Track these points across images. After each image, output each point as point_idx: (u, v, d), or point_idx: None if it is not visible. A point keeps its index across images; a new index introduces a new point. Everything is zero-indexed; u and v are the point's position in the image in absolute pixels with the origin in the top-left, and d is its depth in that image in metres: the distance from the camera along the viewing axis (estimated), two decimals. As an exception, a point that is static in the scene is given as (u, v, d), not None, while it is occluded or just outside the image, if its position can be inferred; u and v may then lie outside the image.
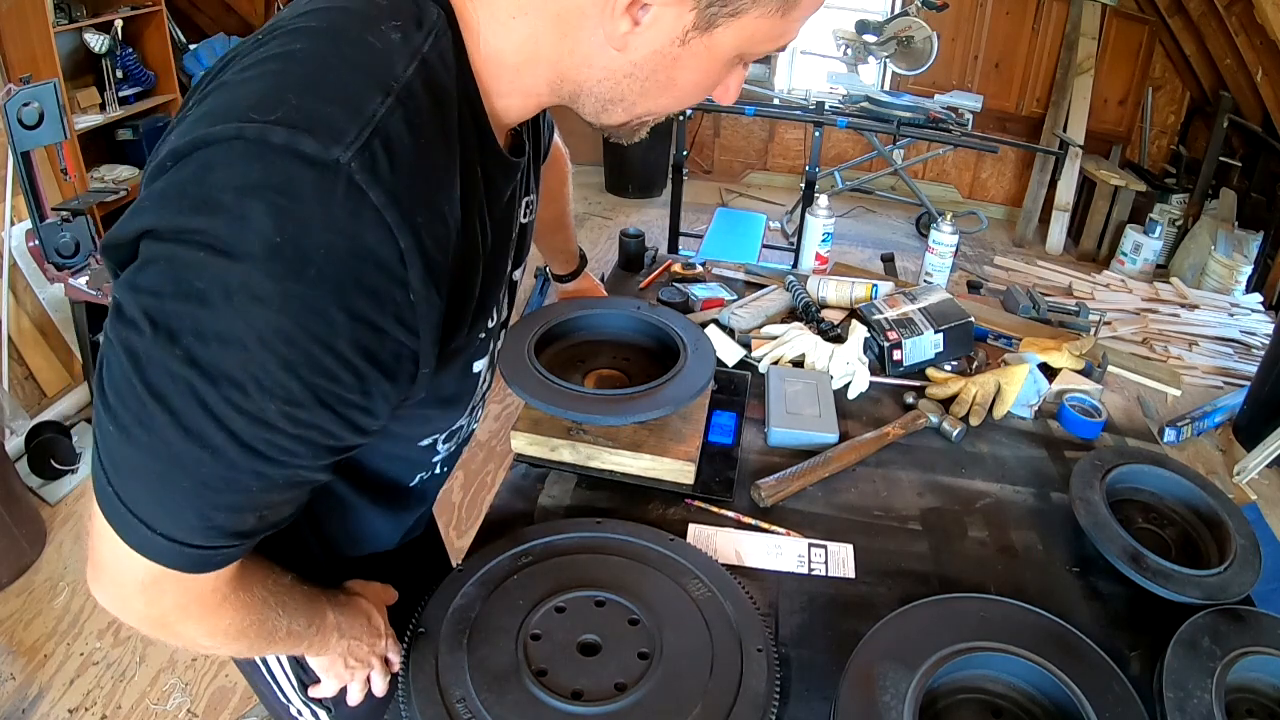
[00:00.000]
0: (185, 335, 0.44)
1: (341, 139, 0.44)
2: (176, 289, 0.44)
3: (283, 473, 0.50)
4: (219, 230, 0.43)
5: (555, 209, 1.19)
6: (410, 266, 0.47)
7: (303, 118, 0.44)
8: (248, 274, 0.43)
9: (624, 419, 1.00)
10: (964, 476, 1.11)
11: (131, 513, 0.49)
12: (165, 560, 0.51)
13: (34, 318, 2.63)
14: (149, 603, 0.54)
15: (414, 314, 0.50)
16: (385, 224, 0.45)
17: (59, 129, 2.42)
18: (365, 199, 0.45)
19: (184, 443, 0.46)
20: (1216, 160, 4.19)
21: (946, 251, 1.62)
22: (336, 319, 0.45)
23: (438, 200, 0.50)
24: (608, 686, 0.71)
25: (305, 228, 0.43)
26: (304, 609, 0.68)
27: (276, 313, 0.44)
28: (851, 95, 3.91)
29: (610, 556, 0.86)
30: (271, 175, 0.43)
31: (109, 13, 3.10)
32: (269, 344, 0.44)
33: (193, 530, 0.50)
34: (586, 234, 4.44)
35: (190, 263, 0.44)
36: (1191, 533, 1.00)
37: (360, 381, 0.49)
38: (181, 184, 0.45)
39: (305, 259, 0.44)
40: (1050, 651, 0.77)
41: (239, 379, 0.45)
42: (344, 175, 0.44)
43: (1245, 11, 3.51)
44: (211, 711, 1.77)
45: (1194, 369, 3.31)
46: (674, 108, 0.60)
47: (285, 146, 0.43)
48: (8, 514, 2.04)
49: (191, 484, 0.48)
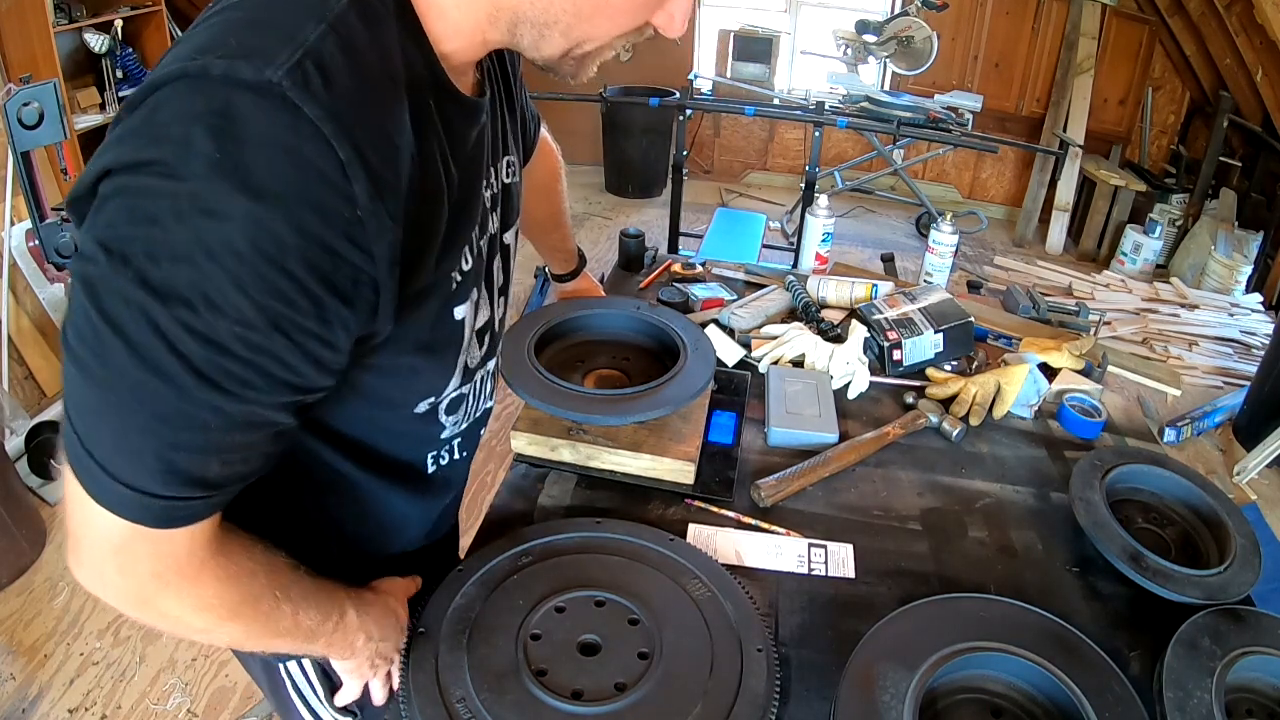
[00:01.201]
0: (137, 257, 0.45)
1: (275, 61, 0.46)
2: (130, 216, 0.46)
3: (239, 407, 0.49)
4: (166, 157, 0.45)
5: (550, 206, 1.19)
6: (354, 180, 0.48)
7: (240, 49, 0.46)
8: (194, 191, 0.45)
9: (624, 419, 1.00)
10: (964, 476, 1.11)
11: (93, 459, 0.49)
12: (129, 513, 0.50)
13: (34, 318, 2.63)
14: (122, 570, 0.53)
15: (364, 232, 0.50)
16: (323, 136, 0.46)
17: (59, 129, 2.42)
18: (300, 113, 0.45)
19: (138, 370, 0.46)
20: (1216, 160, 4.19)
21: (946, 251, 1.62)
22: (283, 233, 0.46)
23: (380, 120, 0.51)
24: (608, 686, 0.71)
25: (242, 143, 0.45)
26: (314, 600, 0.66)
27: (222, 225, 0.45)
28: (851, 95, 3.92)
29: (610, 556, 0.86)
30: (212, 102, 0.45)
31: (109, 13, 3.10)
32: (217, 258, 0.45)
33: (153, 475, 0.49)
34: (586, 234, 4.44)
35: (141, 189, 0.46)
36: (1191, 533, 1.00)
37: (316, 307, 0.49)
38: (133, 125, 0.47)
39: (247, 173, 0.45)
40: (1050, 651, 0.77)
41: (189, 296, 0.45)
42: (278, 93, 0.45)
43: (1245, 11, 3.51)
44: (211, 711, 1.77)
45: (1194, 369, 3.31)
46: (612, 32, 0.59)
47: (224, 75, 0.45)
48: (8, 514, 2.04)
49: (147, 418, 0.48)
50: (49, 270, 2.45)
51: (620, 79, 4.76)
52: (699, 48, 5.08)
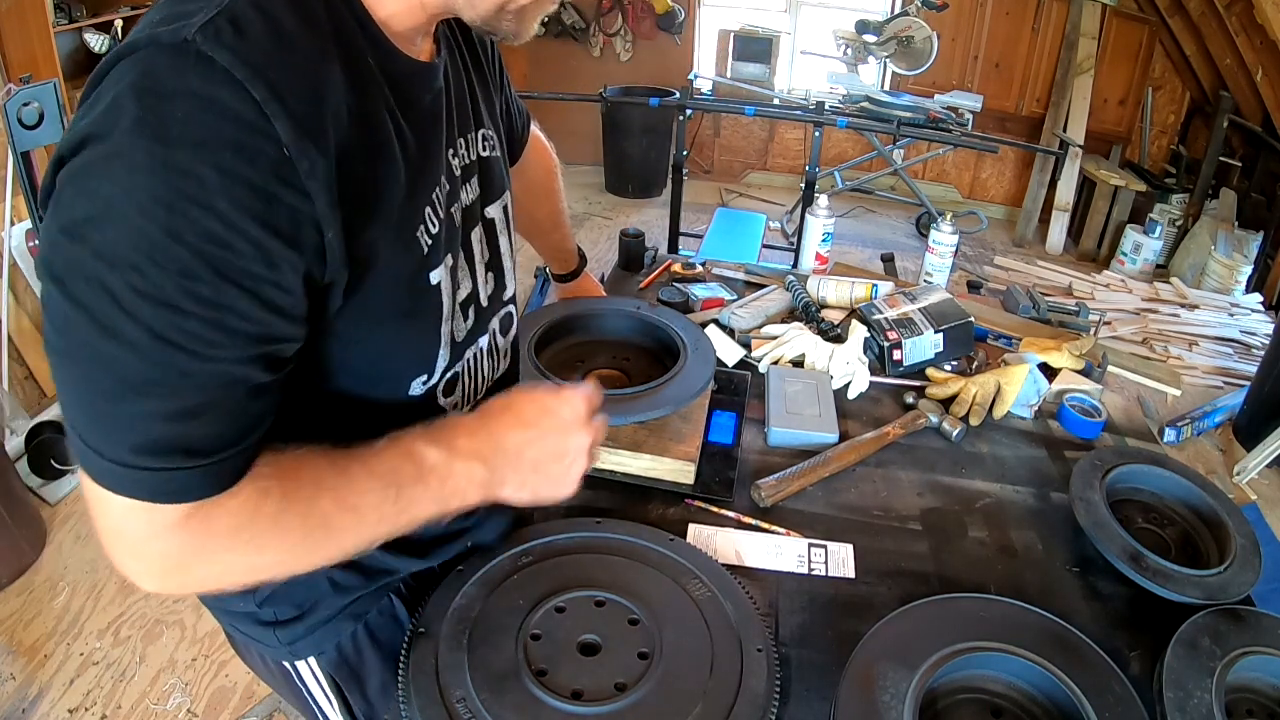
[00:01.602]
0: (85, 229, 0.47)
1: (192, 22, 0.48)
2: (76, 193, 0.48)
3: (207, 367, 0.50)
4: (96, 124, 0.47)
5: (549, 206, 1.19)
6: (274, 119, 0.49)
7: (167, 17, 0.49)
8: (118, 147, 0.47)
9: (624, 419, 1.00)
10: (964, 476, 1.11)
11: (84, 442, 0.50)
12: (123, 488, 0.51)
13: (34, 318, 2.63)
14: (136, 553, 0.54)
15: (294, 171, 0.50)
16: (236, 80, 0.48)
17: (59, 129, 2.42)
18: (213, 63, 0.47)
19: (101, 340, 0.48)
20: (1216, 160, 4.19)
21: (946, 251, 1.62)
22: (206, 175, 0.47)
23: (299, 67, 0.52)
24: (608, 686, 0.71)
25: (161, 98, 0.47)
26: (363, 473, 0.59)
27: (147, 176, 0.46)
28: (851, 95, 3.92)
29: (610, 556, 0.86)
30: (136, 68, 0.48)
31: (109, 13, 3.10)
32: (148, 212, 0.47)
33: (136, 447, 0.50)
34: (586, 234, 4.44)
35: (84, 168, 0.48)
36: (1191, 533, 1.00)
37: (258, 249, 0.50)
38: (84, 110, 0.50)
39: (165, 123, 0.47)
40: (1050, 651, 0.77)
41: (133, 258, 0.47)
42: (192, 49, 0.47)
43: (1245, 11, 3.51)
44: (211, 711, 1.77)
45: (1194, 369, 3.31)
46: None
47: (146, 42, 0.49)
48: (8, 514, 2.04)
49: (115, 385, 0.49)
50: (49, 270, 2.45)
51: (620, 79, 4.76)
52: (699, 48, 5.08)
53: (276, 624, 0.80)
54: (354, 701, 0.89)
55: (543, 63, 4.99)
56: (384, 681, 0.89)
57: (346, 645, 0.85)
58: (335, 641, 0.84)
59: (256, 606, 0.78)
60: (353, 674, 0.87)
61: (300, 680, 0.87)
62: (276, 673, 0.87)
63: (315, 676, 0.86)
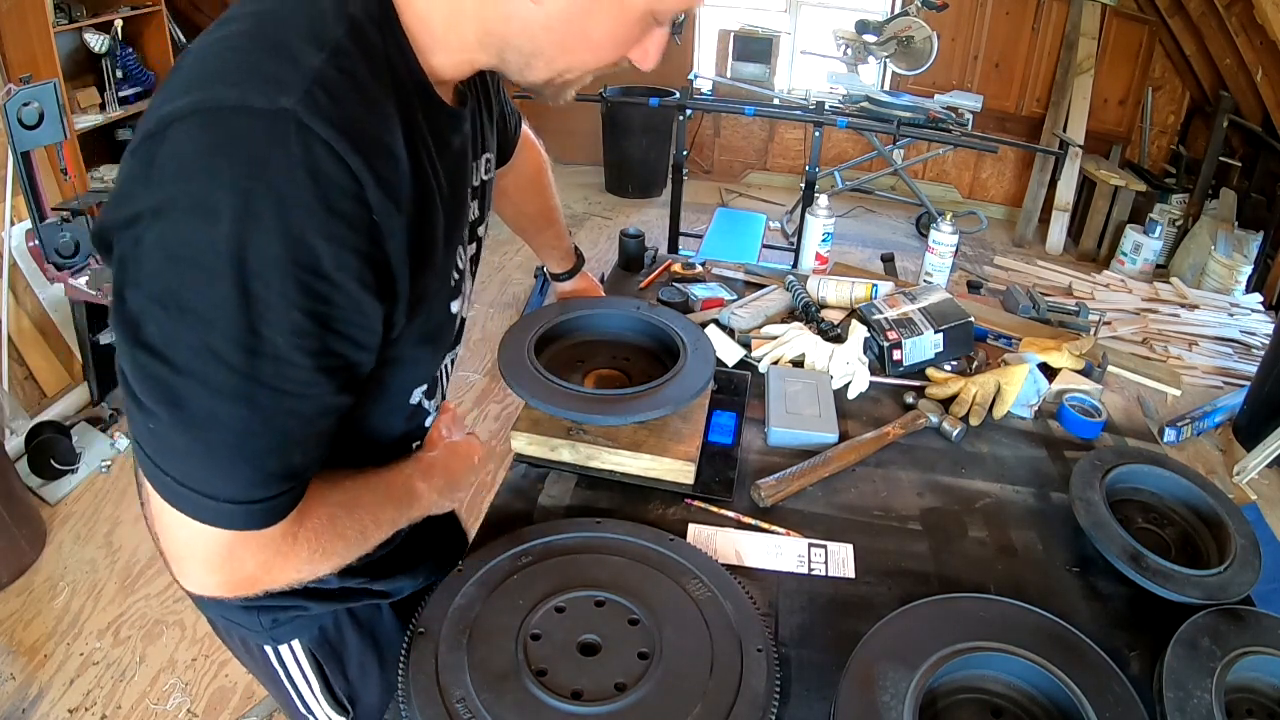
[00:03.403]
0: (183, 296, 0.49)
1: (286, 90, 0.49)
2: (174, 266, 0.49)
3: (312, 405, 0.55)
4: (195, 194, 0.48)
5: (540, 201, 1.19)
6: (366, 186, 0.52)
7: (249, 78, 0.50)
8: (230, 225, 0.48)
9: (624, 419, 1.00)
10: (964, 476, 1.11)
11: (196, 491, 0.53)
12: (240, 523, 0.55)
13: (34, 318, 2.63)
14: (231, 572, 0.58)
15: (381, 233, 0.54)
16: (335, 153, 0.50)
17: (59, 129, 2.42)
18: (314, 134, 0.49)
19: (218, 404, 0.51)
20: (1216, 160, 4.19)
21: (946, 251, 1.62)
22: (316, 244, 0.50)
23: (379, 134, 0.55)
24: (608, 686, 0.71)
25: (269, 169, 0.48)
26: (384, 498, 0.71)
27: (263, 249, 0.48)
28: (851, 95, 3.91)
29: (610, 556, 0.86)
30: (231, 133, 0.48)
31: (109, 13, 3.10)
32: (260, 277, 0.49)
33: (252, 485, 0.54)
34: (586, 234, 4.44)
35: (176, 235, 0.48)
36: (1191, 533, 1.00)
37: (356, 304, 0.54)
38: (159, 163, 0.49)
39: (278, 197, 0.48)
40: (1050, 651, 0.77)
41: (243, 322, 0.49)
42: (292, 118, 0.49)
43: (1245, 11, 3.51)
44: (211, 711, 1.77)
45: (1194, 369, 3.31)
46: (593, 64, 0.64)
47: (238, 106, 0.49)
48: (8, 514, 2.04)
49: (236, 439, 0.52)
50: (49, 270, 2.45)
51: (620, 79, 4.76)
52: (699, 48, 5.08)
53: (262, 610, 0.82)
54: (334, 680, 0.91)
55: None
56: (363, 661, 0.92)
57: (329, 625, 0.88)
58: (319, 625, 0.87)
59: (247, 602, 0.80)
60: (333, 653, 0.90)
61: (280, 664, 0.89)
62: (258, 657, 0.89)
63: (296, 658, 0.88)
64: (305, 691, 0.91)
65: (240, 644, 0.90)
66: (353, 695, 0.93)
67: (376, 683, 0.94)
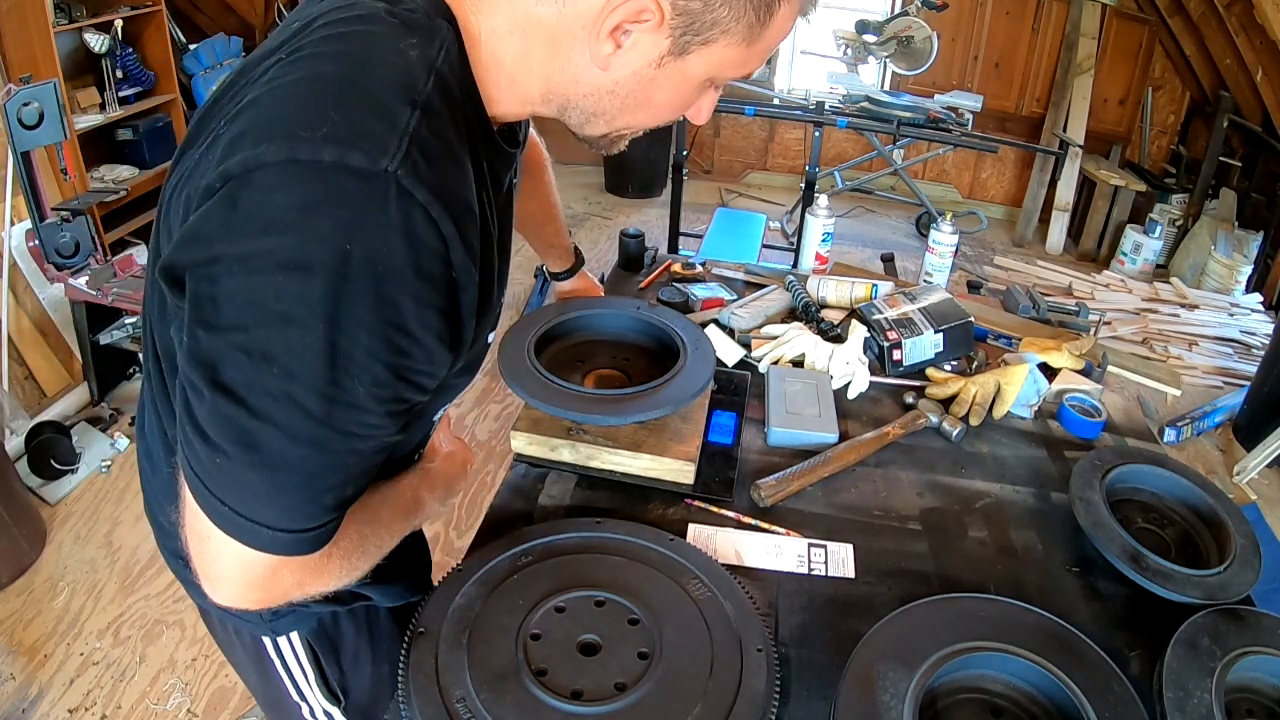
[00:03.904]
0: (279, 355, 0.50)
1: (386, 150, 0.50)
2: (261, 316, 0.50)
3: (374, 444, 0.57)
4: (290, 249, 0.49)
5: (540, 199, 1.19)
6: (453, 250, 0.54)
7: (347, 134, 0.50)
8: (325, 283, 0.49)
9: (624, 419, 1.00)
10: (964, 476, 1.11)
11: (252, 521, 0.54)
12: (291, 549, 0.57)
13: (34, 318, 2.63)
14: (272, 589, 0.60)
15: (458, 289, 0.56)
16: (431, 218, 0.51)
17: (59, 129, 2.42)
18: (413, 199, 0.50)
19: (293, 447, 0.52)
20: (1216, 160, 4.19)
21: (946, 251, 1.62)
22: (405, 305, 0.52)
23: (463, 192, 0.56)
24: (608, 686, 0.71)
25: (368, 232, 0.49)
26: (397, 511, 0.74)
27: (354, 307, 0.50)
28: (851, 95, 3.91)
29: (610, 556, 0.86)
30: (330, 191, 0.49)
31: (109, 13, 3.09)
32: (354, 338, 0.51)
33: (310, 516, 0.56)
34: (586, 234, 4.44)
35: (267, 287, 0.49)
36: (1191, 533, 1.00)
37: (426, 353, 0.56)
38: (245, 210, 0.50)
39: (374, 259, 0.49)
40: (1050, 651, 0.77)
41: (327, 374, 0.51)
42: (393, 182, 0.50)
43: (1245, 11, 3.51)
44: (211, 711, 1.77)
45: (1194, 369, 3.31)
46: (650, 124, 0.67)
47: (336, 164, 0.49)
48: (8, 514, 2.04)
49: (304, 479, 0.54)
50: (49, 270, 2.45)
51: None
52: (699, 48, 5.08)
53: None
54: (329, 670, 0.92)
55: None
56: (357, 651, 0.93)
57: (326, 617, 0.89)
58: (317, 617, 0.88)
59: None
60: (330, 643, 0.90)
61: (278, 654, 0.89)
62: (250, 648, 0.90)
63: (294, 649, 0.89)
64: (300, 681, 0.92)
65: (232, 634, 0.90)
66: (345, 685, 0.94)
67: (369, 673, 0.95)
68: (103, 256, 2.56)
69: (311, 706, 0.94)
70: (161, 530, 0.84)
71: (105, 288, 2.43)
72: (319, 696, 0.94)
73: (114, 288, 2.43)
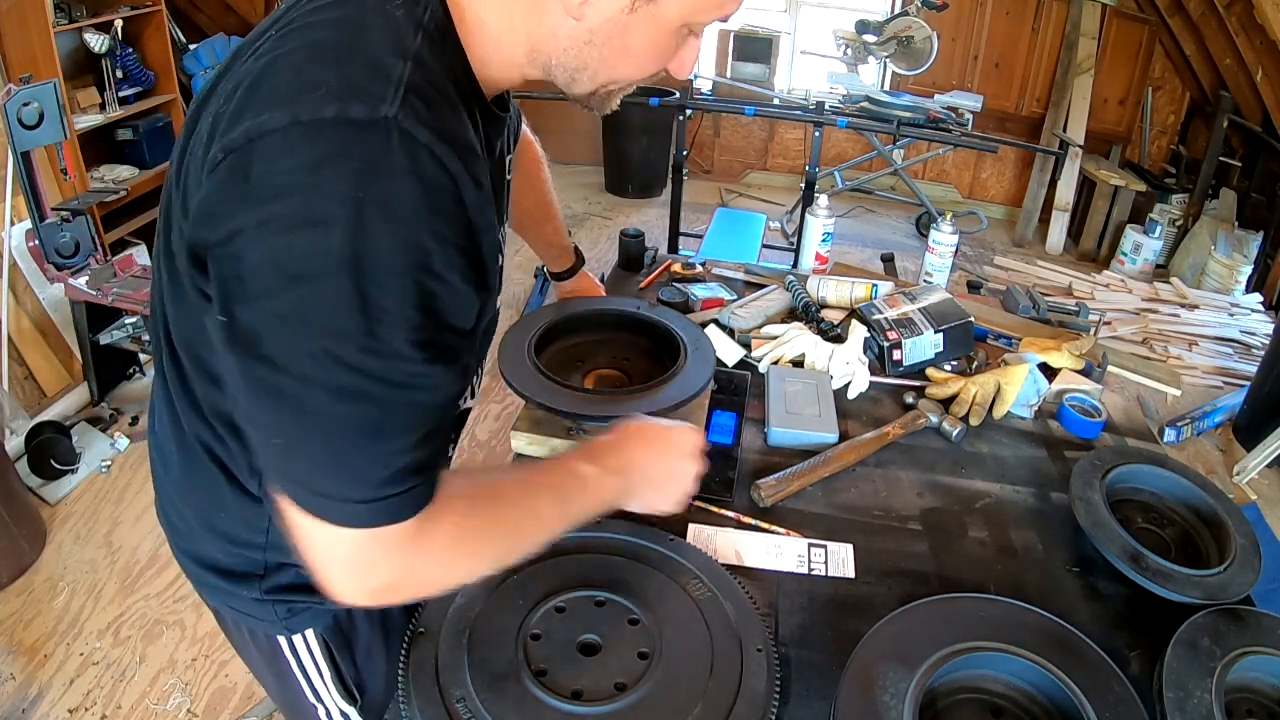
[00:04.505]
0: (312, 313, 0.50)
1: (384, 99, 0.51)
2: (287, 278, 0.50)
3: (431, 398, 0.56)
4: (304, 207, 0.49)
5: (537, 196, 1.19)
6: (463, 187, 0.54)
7: (345, 90, 0.51)
8: (344, 234, 0.49)
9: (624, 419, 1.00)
10: (964, 476, 1.11)
11: (327, 496, 0.55)
12: (369, 520, 0.56)
13: (34, 318, 2.63)
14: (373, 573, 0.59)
15: (475, 228, 0.57)
16: (436, 157, 0.52)
17: (59, 129, 2.42)
18: (416, 141, 0.51)
19: (342, 405, 0.52)
20: (1216, 160, 4.19)
21: (946, 251, 1.62)
22: (428, 244, 0.52)
23: (464, 133, 0.57)
24: (608, 686, 0.71)
25: (378, 178, 0.50)
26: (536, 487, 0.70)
27: (377, 254, 0.50)
28: (851, 95, 3.91)
29: (610, 556, 0.86)
30: (335, 146, 0.50)
31: (109, 13, 3.09)
32: (382, 284, 0.51)
33: (381, 482, 0.55)
34: (586, 234, 4.44)
35: (288, 249, 0.50)
36: (1191, 533, 1.00)
37: (454, 293, 0.56)
38: (256, 178, 0.50)
39: (387, 204, 0.50)
40: (1050, 651, 0.77)
41: (364, 326, 0.51)
42: (394, 127, 0.51)
43: (1245, 11, 3.51)
44: (211, 711, 1.77)
45: (1194, 369, 3.31)
46: (634, 75, 0.67)
47: (338, 118, 0.50)
48: (8, 514, 2.04)
49: (366, 439, 0.54)
50: (49, 270, 2.45)
51: (620, 79, 4.74)
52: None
53: (277, 602, 0.82)
54: (344, 667, 0.91)
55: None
56: (370, 647, 0.92)
57: (340, 614, 0.88)
58: (332, 614, 0.87)
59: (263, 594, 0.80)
60: (344, 640, 0.89)
61: (293, 654, 0.88)
62: (265, 649, 0.89)
63: (309, 647, 0.88)
64: (316, 680, 0.91)
65: (247, 636, 0.89)
66: (360, 682, 0.93)
67: (383, 670, 0.94)
68: (103, 256, 2.56)
69: (328, 707, 0.93)
70: (174, 531, 0.84)
71: (105, 288, 2.43)
72: (335, 696, 0.92)
73: (114, 288, 2.43)
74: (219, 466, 0.73)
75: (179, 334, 0.67)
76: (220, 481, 0.73)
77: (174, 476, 0.79)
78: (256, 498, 0.73)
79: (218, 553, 0.79)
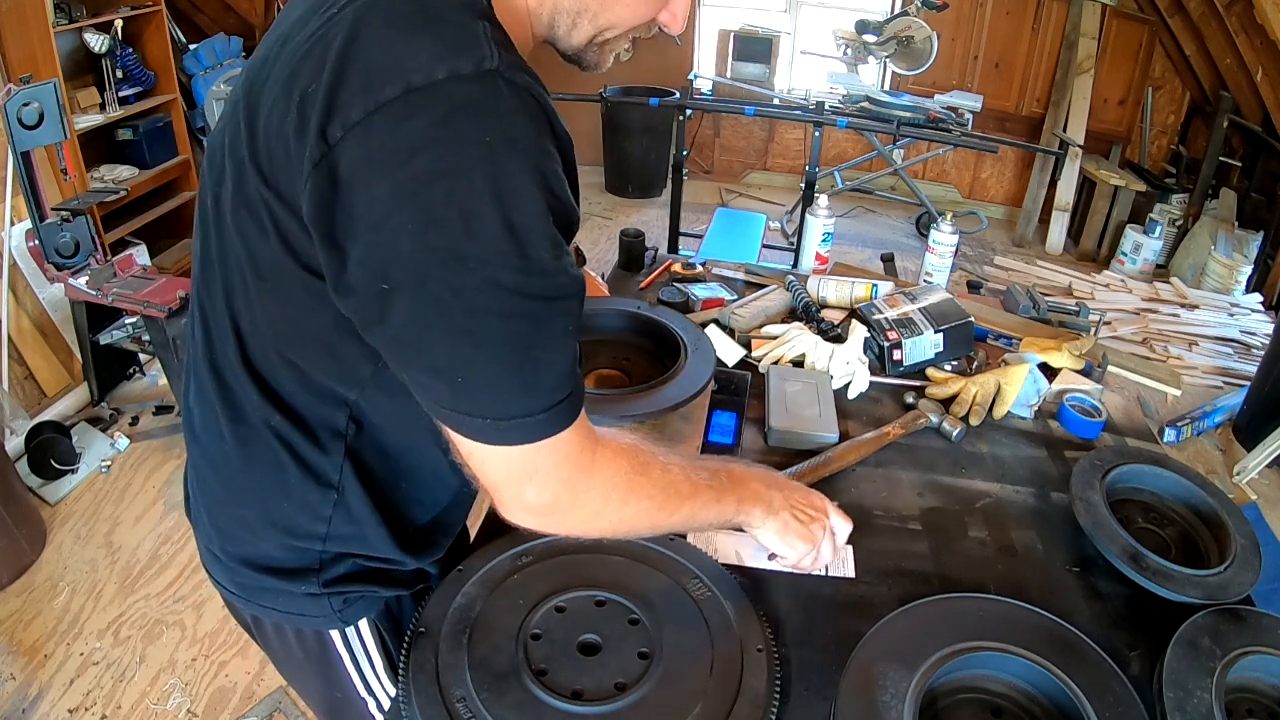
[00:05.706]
0: (470, 250, 0.56)
1: (484, 54, 0.57)
2: (442, 227, 0.55)
3: (574, 301, 0.63)
4: (442, 159, 0.55)
5: None
6: (555, 122, 0.62)
7: (446, 51, 0.56)
8: (483, 173, 0.55)
9: (624, 419, 1.00)
10: (964, 476, 1.11)
11: (507, 419, 0.61)
12: (551, 427, 0.63)
13: (34, 318, 2.63)
14: (546, 484, 0.65)
15: (568, 158, 0.64)
16: (534, 97, 0.59)
17: (59, 129, 2.42)
18: (517, 86, 0.58)
19: (512, 324, 0.58)
20: (1216, 160, 4.19)
21: (946, 251, 1.62)
22: (548, 169, 0.59)
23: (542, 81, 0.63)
24: (608, 686, 0.71)
25: (500, 121, 0.56)
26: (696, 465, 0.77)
27: (516, 188, 0.56)
28: (851, 95, 3.92)
29: (610, 556, 0.86)
30: (455, 100, 0.55)
31: (109, 13, 3.09)
32: (523, 209, 0.57)
33: (551, 389, 0.62)
34: (586, 234, 4.44)
35: (436, 201, 0.55)
36: (1191, 533, 1.00)
37: (566, 207, 0.62)
38: (378, 155, 0.55)
39: (511, 140, 0.56)
40: (1050, 651, 0.77)
41: (521, 251, 0.57)
42: (499, 77, 0.57)
43: (1245, 11, 3.51)
44: (211, 711, 1.77)
45: (1194, 369, 3.31)
46: (630, 20, 0.71)
47: (451, 76, 0.55)
48: (8, 514, 2.04)
49: (530, 351, 0.60)
50: (49, 270, 2.45)
51: (620, 79, 4.76)
52: (699, 48, 5.08)
53: (332, 594, 0.81)
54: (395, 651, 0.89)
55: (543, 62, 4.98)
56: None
57: (390, 599, 0.87)
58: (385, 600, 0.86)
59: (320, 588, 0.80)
60: (394, 623, 0.89)
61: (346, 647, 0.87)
62: (314, 648, 0.87)
63: (361, 637, 0.87)
64: (368, 671, 0.89)
65: (292, 639, 0.87)
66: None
67: None
68: (103, 256, 2.56)
69: (379, 699, 0.91)
70: (224, 535, 0.81)
71: (105, 288, 2.43)
72: (388, 684, 0.91)
73: (114, 288, 2.43)
74: (290, 453, 0.73)
75: (266, 318, 0.68)
76: (289, 468, 0.73)
77: (229, 475, 0.77)
78: (326, 482, 0.74)
79: (276, 549, 0.78)
